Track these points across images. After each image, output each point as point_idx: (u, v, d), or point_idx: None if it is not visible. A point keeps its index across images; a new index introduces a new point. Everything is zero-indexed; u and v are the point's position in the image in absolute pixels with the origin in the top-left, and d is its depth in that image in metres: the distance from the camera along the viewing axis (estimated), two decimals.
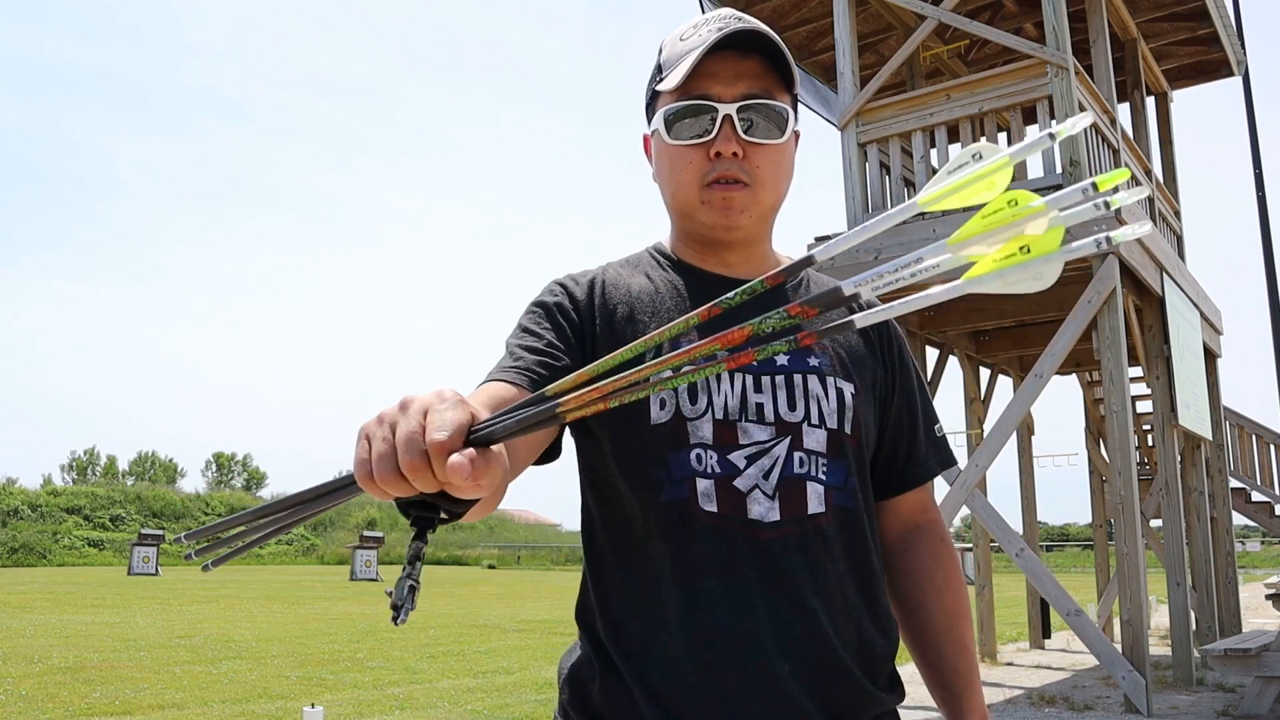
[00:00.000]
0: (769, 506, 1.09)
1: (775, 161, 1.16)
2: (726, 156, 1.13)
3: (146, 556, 25.02)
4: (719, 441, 1.10)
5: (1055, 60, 6.88)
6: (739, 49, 1.13)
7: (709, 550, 1.08)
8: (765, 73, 1.15)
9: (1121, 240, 0.61)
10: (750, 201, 1.15)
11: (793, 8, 9.35)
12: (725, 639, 1.07)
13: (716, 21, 1.14)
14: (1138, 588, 6.49)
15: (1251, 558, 44.67)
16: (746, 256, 1.22)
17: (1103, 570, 11.04)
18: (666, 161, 1.18)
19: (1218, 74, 10.65)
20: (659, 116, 1.17)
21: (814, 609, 1.09)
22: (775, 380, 1.14)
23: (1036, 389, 6.93)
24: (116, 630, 11.21)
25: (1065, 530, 56.72)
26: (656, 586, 1.10)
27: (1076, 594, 8.10)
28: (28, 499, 35.76)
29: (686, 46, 1.15)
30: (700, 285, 1.21)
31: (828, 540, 1.12)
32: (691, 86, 1.13)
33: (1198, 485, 9.35)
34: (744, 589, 1.08)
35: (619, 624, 1.12)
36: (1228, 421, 11.94)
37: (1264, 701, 6.37)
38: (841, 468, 1.15)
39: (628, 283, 1.22)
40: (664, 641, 1.09)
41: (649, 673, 1.08)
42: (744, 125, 1.13)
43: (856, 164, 7.63)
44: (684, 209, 1.19)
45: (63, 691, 6.95)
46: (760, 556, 1.08)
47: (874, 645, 1.15)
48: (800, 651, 1.07)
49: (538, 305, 1.20)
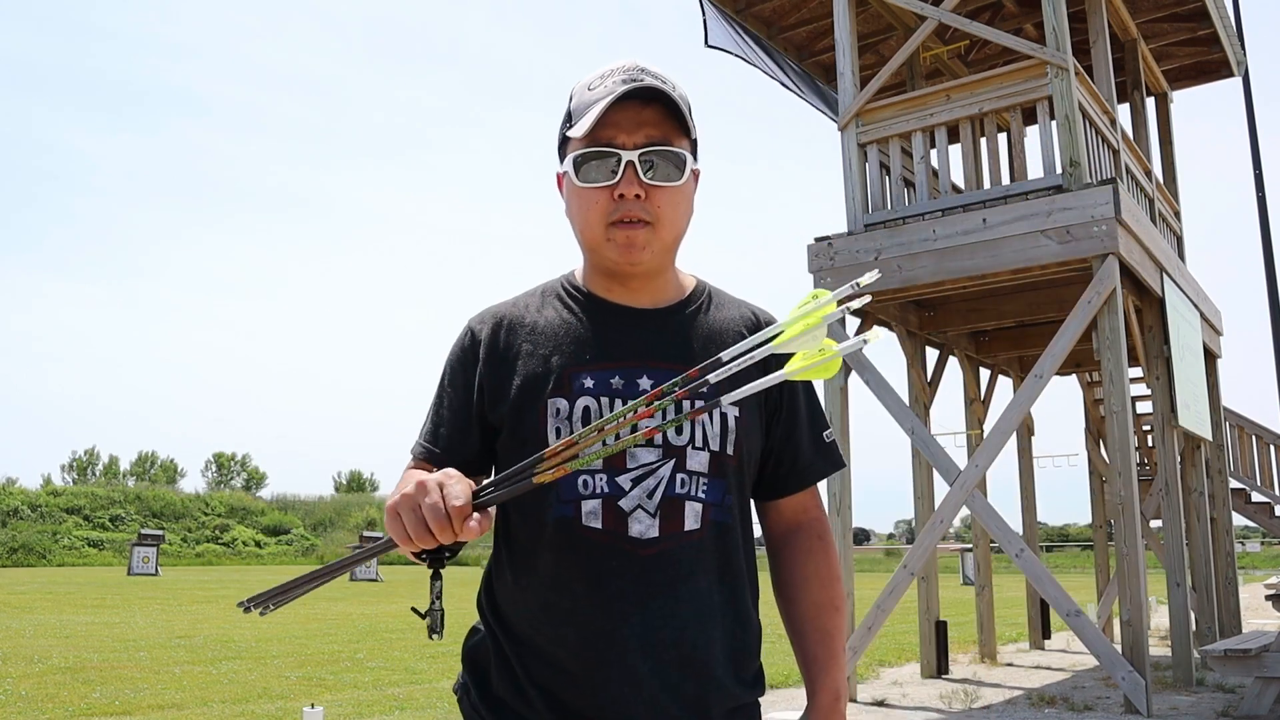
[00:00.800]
0: (649, 524, 1.23)
1: (674, 201, 1.29)
2: (629, 198, 1.25)
3: (146, 557, 25.03)
4: (609, 464, 1.24)
5: (1055, 61, 6.88)
6: (641, 99, 1.25)
7: (590, 563, 1.23)
8: (664, 120, 1.26)
9: (874, 339, 1.00)
10: (652, 238, 1.27)
11: (793, 8, 9.35)
12: (597, 640, 1.22)
13: (621, 74, 1.26)
14: (1138, 588, 6.49)
15: (1251, 558, 44.66)
16: (649, 285, 1.35)
17: (1103, 571, 11.05)
18: (576, 202, 1.30)
19: (1218, 74, 10.66)
20: (569, 160, 1.28)
21: (682, 615, 1.23)
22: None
23: (1036, 389, 6.93)
24: (116, 630, 11.21)
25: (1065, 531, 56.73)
26: (542, 592, 1.26)
27: (1076, 594, 8.10)
28: (28, 499, 35.76)
29: (593, 96, 1.26)
30: (606, 316, 1.33)
31: (702, 553, 1.26)
32: (598, 134, 1.25)
33: (1198, 486, 9.35)
34: (619, 598, 1.22)
35: (509, 619, 1.30)
36: (1228, 422, 11.94)
37: (1264, 702, 6.37)
38: (720, 486, 1.28)
39: (534, 318, 1.35)
40: (546, 638, 1.25)
41: (533, 664, 1.26)
42: (645, 169, 1.25)
43: (856, 164, 7.63)
44: (591, 245, 1.31)
45: (63, 691, 6.95)
46: (637, 569, 1.23)
47: (736, 645, 1.29)
48: (663, 652, 1.22)
49: (451, 358, 1.38)
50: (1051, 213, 6.74)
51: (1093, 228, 6.60)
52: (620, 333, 1.31)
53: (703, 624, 1.24)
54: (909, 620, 11.81)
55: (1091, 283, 6.65)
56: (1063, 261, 6.76)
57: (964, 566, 26.07)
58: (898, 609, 8.22)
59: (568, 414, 1.24)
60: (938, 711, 6.77)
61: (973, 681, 8.07)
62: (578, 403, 1.25)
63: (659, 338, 1.31)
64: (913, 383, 8.77)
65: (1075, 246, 6.65)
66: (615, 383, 1.26)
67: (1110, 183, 6.62)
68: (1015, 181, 7.44)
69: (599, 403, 1.25)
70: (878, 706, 6.98)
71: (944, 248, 7.08)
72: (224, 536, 38.59)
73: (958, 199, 7.29)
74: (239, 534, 39.01)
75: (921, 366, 8.89)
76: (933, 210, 7.27)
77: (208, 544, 37.48)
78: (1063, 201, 6.71)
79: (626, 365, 1.28)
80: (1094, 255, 6.63)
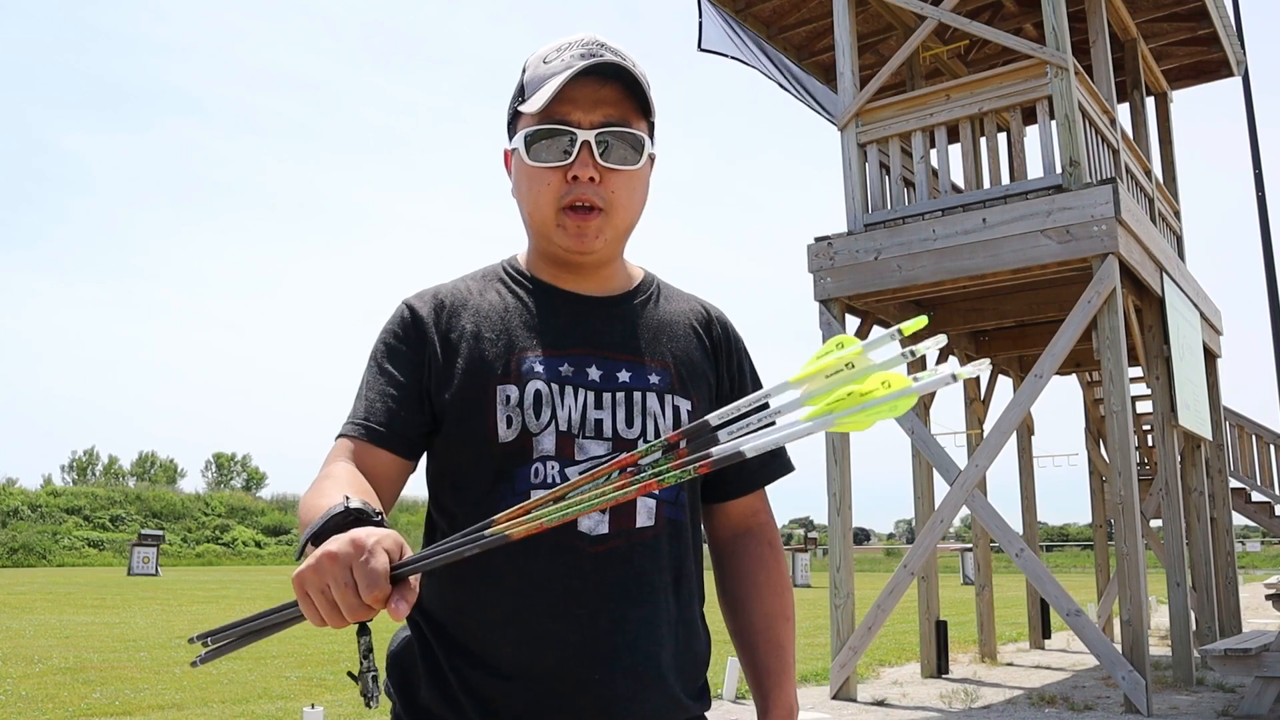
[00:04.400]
0: (598, 520, 1.15)
1: (630, 186, 1.21)
2: (583, 180, 1.17)
3: (146, 557, 25.01)
4: (561, 453, 1.15)
5: (1055, 60, 6.88)
6: (599, 76, 1.17)
7: (535, 561, 1.13)
8: (623, 100, 1.19)
9: (966, 375, 0.79)
10: (605, 226, 1.20)
11: (793, 8, 9.35)
12: (544, 646, 1.12)
13: (579, 48, 1.19)
14: (1138, 588, 6.49)
15: (1251, 558, 44.66)
16: (599, 275, 1.27)
17: (1103, 570, 11.05)
18: (525, 181, 1.22)
19: (1217, 74, 10.66)
20: (520, 137, 1.20)
21: (634, 619, 1.14)
22: (616, 397, 1.19)
23: (1036, 389, 6.93)
24: (116, 630, 11.21)
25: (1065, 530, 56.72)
26: (485, 592, 1.15)
27: (1076, 594, 8.10)
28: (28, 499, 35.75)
29: (549, 70, 1.18)
30: (553, 302, 1.25)
31: (655, 553, 1.18)
32: (552, 110, 1.17)
33: (1198, 485, 9.35)
34: (567, 599, 1.13)
35: (442, 621, 1.19)
36: (1228, 421, 11.94)
37: (1264, 702, 6.37)
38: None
39: (477, 301, 1.25)
40: (484, 642, 1.15)
41: (468, 671, 1.14)
42: (601, 150, 1.17)
43: (856, 164, 7.63)
44: (540, 229, 1.23)
45: (63, 691, 6.94)
46: (586, 568, 1.13)
47: (689, 654, 1.21)
48: (615, 660, 1.12)
49: (388, 335, 1.24)
50: (1051, 213, 6.74)
51: (1093, 227, 6.60)
52: (568, 320, 1.24)
53: (655, 629, 1.16)
54: (909, 620, 11.81)
55: (1091, 282, 6.65)
56: (1063, 261, 6.76)
57: (964, 566, 26.08)
58: (898, 609, 8.22)
59: (518, 401, 1.16)
60: (938, 711, 6.77)
61: (973, 681, 8.07)
62: (528, 389, 1.17)
63: (608, 327, 1.24)
64: None
65: (1075, 246, 6.65)
66: (564, 370, 1.19)
67: (1110, 182, 6.62)
68: (1015, 181, 7.44)
69: (550, 389, 1.17)
70: (878, 706, 6.98)
71: (944, 247, 7.08)
72: (224, 537, 38.57)
73: (958, 199, 7.29)
74: (239, 534, 39.00)
75: (921, 367, 8.88)
76: (933, 210, 7.27)
77: (208, 544, 37.46)
78: (1063, 201, 6.71)
79: (574, 353, 1.21)
80: (1094, 255, 6.63)
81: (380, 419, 1.18)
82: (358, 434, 1.18)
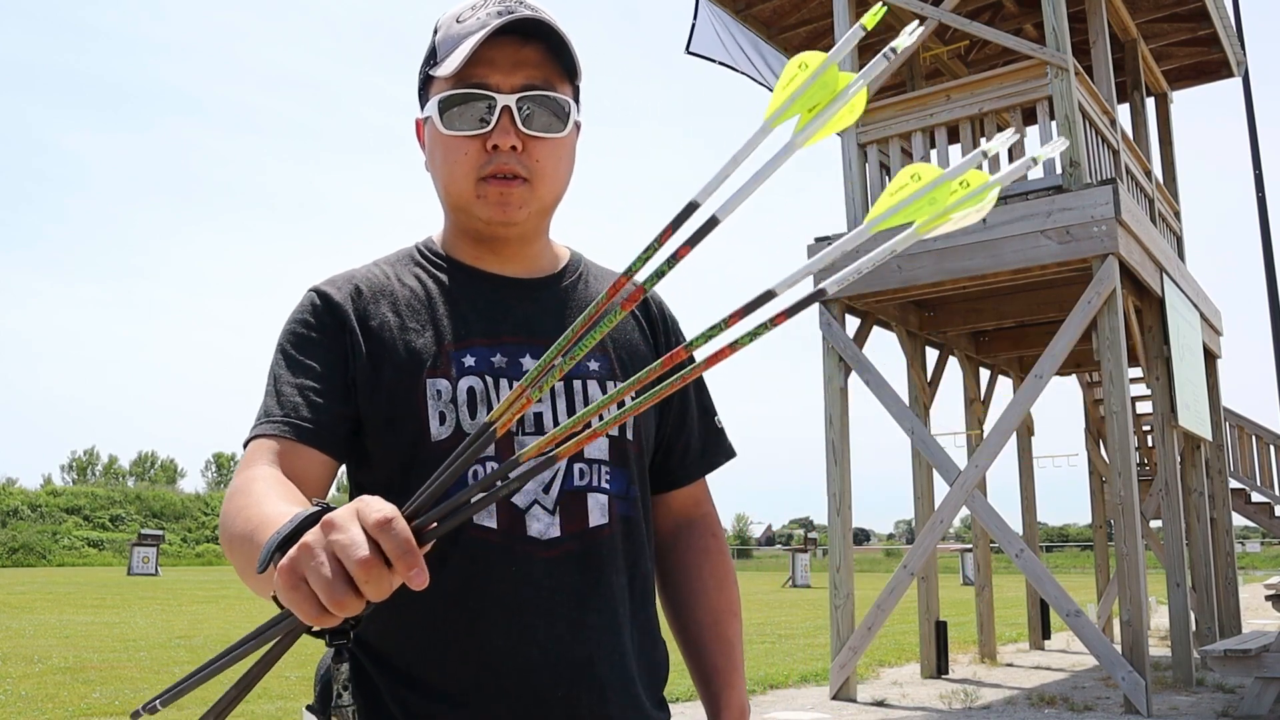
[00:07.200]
0: (549, 523, 1.06)
1: (556, 155, 1.11)
2: (504, 150, 1.07)
3: (146, 557, 25.02)
4: (501, 454, 1.05)
5: (1055, 61, 6.88)
6: (519, 35, 1.07)
7: (485, 570, 1.04)
8: (546, 61, 1.09)
9: (1045, 156, 0.66)
10: (529, 197, 1.10)
11: (793, 8, 9.35)
12: (494, 662, 1.03)
13: (495, 4, 1.08)
14: (1137, 588, 6.49)
15: (1251, 558, 44.65)
16: (522, 253, 1.17)
17: (1102, 571, 11.04)
18: (440, 152, 1.11)
19: (1218, 74, 10.66)
20: (433, 104, 1.10)
21: (592, 626, 1.06)
22: (555, 388, 1.10)
23: (1036, 390, 6.93)
24: (116, 630, 11.21)
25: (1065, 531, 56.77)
26: (429, 606, 1.01)
27: (1076, 594, 8.10)
28: (28, 499, 35.78)
29: (464, 29, 1.08)
30: (478, 286, 1.15)
31: (612, 553, 1.09)
32: (468, 74, 1.06)
33: (1197, 486, 9.35)
34: (520, 610, 1.04)
35: (377, 643, 1.07)
36: (1228, 422, 11.94)
37: (1264, 702, 6.37)
38: (624, 475, 1.12)
39: (393, 287, 1.14)
40: (428, 664, 1.04)
41: (410, 696, 1.03)
42: (523, 117, 1.07)
43: (856, 164, 7.63)
44: (458, 203, 1.12)
45: (63, 691, 6.94)
46: (539, 575, 1.05)
47: (649, 662, 1.14)
48: (576, 673, 1.04)
49: (299, 325, 1.11)
50: (1051, 213, 6.74)
51: (1093, 228, 6.60)
52: (496, 305, 1.13)
53: (615, 637, 1.08)
54: (909, 620, 11.81)
55: (1091, 283, 6.65)
56: (1063, 262, 6.76)
57: (964, 566, 26.08)
58: (898, 609, 8.22)
59: (450, 396, 1.06)
60: (938, 711, 6.77)
61: (973, 682, 8.06)
62: (460, 383, 1.07)
63: (538, 310, 1.15)
64: (913, 383, 8.77)
65: (1075, 247, 6.65)
66: (498, 361, 1.09)
67: (1110, 183, 6.62)
68: (1015, 181, 7.44)
69: (484, 383, 1.07)
70: (878, 706, 6.98)
71: (944, 248, 7.08)
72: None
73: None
74: None
75: (921, 367, 8.89)
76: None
77: (208, 544, 37.48)
78: (1063, 202, 6.71)
79: (507, 341, 1.11)
80: (1094, 255, 6.63)
81: (304, 414, 1.03)
82: (279, 432, 1.02)
